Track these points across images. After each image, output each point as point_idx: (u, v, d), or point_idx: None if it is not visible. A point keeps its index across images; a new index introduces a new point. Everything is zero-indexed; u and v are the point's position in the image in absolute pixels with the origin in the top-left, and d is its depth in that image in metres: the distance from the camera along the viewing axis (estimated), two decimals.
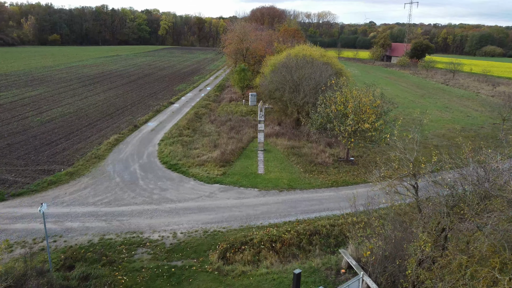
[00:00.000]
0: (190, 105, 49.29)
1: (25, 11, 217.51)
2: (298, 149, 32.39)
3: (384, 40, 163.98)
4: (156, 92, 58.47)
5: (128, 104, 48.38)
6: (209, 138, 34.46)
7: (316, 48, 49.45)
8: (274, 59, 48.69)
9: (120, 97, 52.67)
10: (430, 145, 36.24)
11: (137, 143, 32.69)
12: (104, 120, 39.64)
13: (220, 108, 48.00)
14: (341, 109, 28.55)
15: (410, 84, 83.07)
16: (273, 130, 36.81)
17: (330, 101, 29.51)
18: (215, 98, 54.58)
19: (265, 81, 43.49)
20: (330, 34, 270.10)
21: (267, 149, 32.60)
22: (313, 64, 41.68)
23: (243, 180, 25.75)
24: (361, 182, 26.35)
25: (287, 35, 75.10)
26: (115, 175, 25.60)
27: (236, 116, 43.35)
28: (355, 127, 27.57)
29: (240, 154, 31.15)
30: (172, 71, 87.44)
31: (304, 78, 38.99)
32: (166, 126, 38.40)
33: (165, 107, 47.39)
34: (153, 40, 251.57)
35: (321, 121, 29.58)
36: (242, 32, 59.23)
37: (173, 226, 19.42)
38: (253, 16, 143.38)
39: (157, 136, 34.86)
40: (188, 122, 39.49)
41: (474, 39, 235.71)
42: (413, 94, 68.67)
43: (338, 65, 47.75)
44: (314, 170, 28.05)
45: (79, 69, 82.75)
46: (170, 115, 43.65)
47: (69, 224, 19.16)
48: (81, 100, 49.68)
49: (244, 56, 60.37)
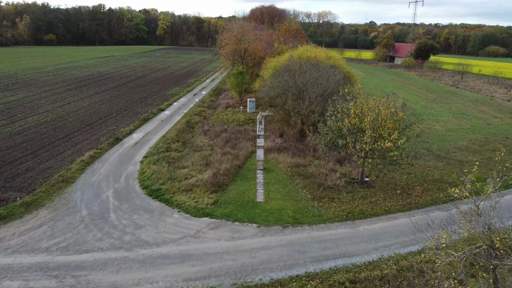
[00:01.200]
0: (182, 112, 44.62)
1: (20, 11, 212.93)
2: (303, 168, 27.76)
3: (387, 40, 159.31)
4: (146, 96, 53.81)
5: (114, 111, 43.71)
6: (201, 153, 29.84)
7: (321, 49, 44.81)
8: (275, 62, 44.07)
9: (106, 103, 48.01)
10: (454, 160, 31.68)
11: (116, 160, 28.03)
12: (83, 131, 34.97)
13: (216, 115, 43.35)
14: (356, 122, 23.91)
15: (419, 87, 78.43)
16: (274, 144, 32.15)
17: (342, 113, 24.87)
18: (210, 104, 49.92)
19: (265, 87, 38.88)
20: (330, 34, 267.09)
21: (268, 167, 27.97)
22: (319, 67, 37.05)
23: (238, 211, 21.13)
24: (382, 213, 21.70)
25: (288, 35, 70.45)
26: (82, 205, 20.96)
27: (233, 125, 38.71)
28: (373, 145, 22.94)
29: (236, 174, 26.52)
30: (167, 73, 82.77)
31: (309, 83, 34.38)
32: (153, 139, 33.74)
33: (154, 115, 42.71)
34: (151, 40, 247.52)
35: (331, 136, 24.93)
36: (240, 32, 54.60)
37: (145, 285, 14.79)
38: (253, 16, 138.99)
39: (141, 151, 30.21)
40: (178, 133, 34.86)
41: (477, 39, 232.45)
42: (424, 98, 64.04)
43: (346, 68, 43.11)
44: (323, 196, 23.41)
45: (68, 71, 78.10)
46: (158, 124, 38.99)
47: (7, 284, 14.53)
48: (62, 106, 45.02)
49: (242, 58, 55.75)
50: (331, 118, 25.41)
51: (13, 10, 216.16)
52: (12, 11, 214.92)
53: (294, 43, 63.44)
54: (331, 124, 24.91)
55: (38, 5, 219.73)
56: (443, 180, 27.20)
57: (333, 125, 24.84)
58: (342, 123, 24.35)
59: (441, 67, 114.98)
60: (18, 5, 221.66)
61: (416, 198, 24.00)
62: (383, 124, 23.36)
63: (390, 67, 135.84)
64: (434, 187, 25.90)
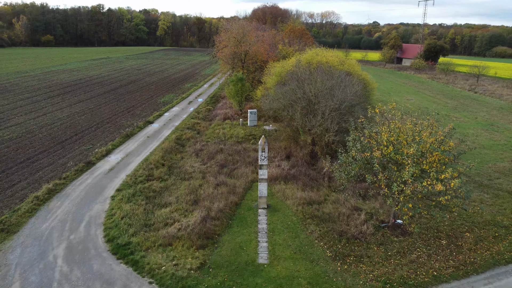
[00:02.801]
0: (172, 126, 38.78)
1: (18, 11, 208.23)
2: (317, 205, 21.86)
3: (395, 41, 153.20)
4: (135, 105, 48.02)
5: (94, 124, 37.92)
6: (189, 184, 24.00)
7: (332, 52, 38.90)
8: (279, 67, 38.25)
9: (87, 114, 42.25)
10: (502, 190, 25.67)
11: (81, 196, 22.20)
12: (50, 152, 29.19)
13: (211, 129, 37.47)
14: (389, 153, 17.95)
15: (435, 92, 72.32)
16: (280, 170, 26.19)
17: (370, 139, 18.95)
18: (206, 115, 44.02)
19: (268, 97, 33.01)
20: (333, 35, 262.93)
21: (273, 205, 22.10)
22: (332, 75, 31.17)
23: (233, 281, 15.26)
24: (430, 282, 15.77)
25: (293, 36, 64.53)
26: (16, 274, 15.14)
27: (231, 143, 32.84)
28: (415, 185, 17.00)
29: (232, 216, 20.66)
30: (162, 77, 76.99)
31: (322, 94, 28.50)
32: (133, 162, 27.90)
33: (140, 129, 36.87)
34: (151, 41, 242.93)
35: (356, 170, 19.00)
36: (240, 33, 48.74)
37: None
38: (255, 16, 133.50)
39: (115, 181, 24.37)
40: (164, 155, 29.02)
41: (484, 40, 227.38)
42: (443, 105, 57.97)
43: (362, 74, 37.22)
44: (347, 252, 17.49)
45: (56, 75, 72.46)
46: (143, 141, 33.16)
47: None
48: (36, 118, 39.31)
49: (242, 62, 49.90)
50: (354, 145, 19.49)
51: (11, 10, 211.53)
52: (9, 11, 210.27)
53: (300, 45, 57.56)
54: (355, 153, 18.98)
55: (36, 5, 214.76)
56: (497, 222, 21.25)
57: (358, 156, 18.91)
58: (371, 153, 18.42)
59: (454, 70, 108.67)
60: (15, 6, 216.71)
61: (470, 254, 18.03)
62: (428, 157, 17.43)
63: (398, 69, 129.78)
64: (488, 233, 19.96)
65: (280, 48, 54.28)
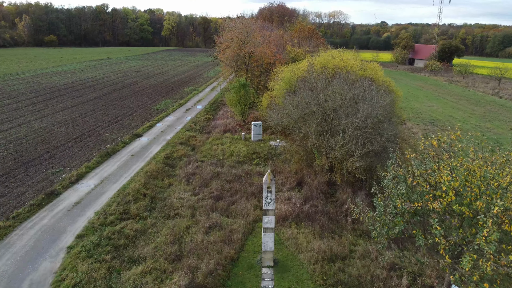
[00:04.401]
0: (164, 140, 33.40)
1: (22, 11, 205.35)
2: (341, 262, 16.29)
3: (407, 41, 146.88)
4: (125, 113, 42.75)
5: (73, 138, 32.68)
6: (174, 226, 18.57)
7: (350, 53, 33.22)
8: (288, 72, 32.73)
9: (69, 124, 37.06)
10: None
11: (27, 247, 16.84)
12: (9, 177, 23.90)
13: (208, 144, 32.01)
14: (455, 205, 12.28)
15: (457, 97, 66.20)
16: (290, 206, 20.58)
17: (422, 183, 13.30)
18: (204, 125, 38.56)
19: (276, 109, 27.44)
20: (341, 35, 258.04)
21: (281, 260, 16.57)
22: (354, 83, 25.57)
23: None
24: None
25: (302, 36, 58.84)
26: None
27: (230, 163, 27.33)
28: (498, 259, 11.34)
29: (226, 280, 15.18)
30: (161, 80, 71.78)
31: (343, 108, 22.94)
32: (107, 192, 22.52)
33: (125, 145, 31.52)
34: (156, 41, 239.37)
35: (401, 226, 13.36)
36: (243, 32, 43.24)
37: None
38: (261, 15, 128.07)
39: (78, 222, 19.00)
40: (148, 181, 23.64)
41: (496, 40, 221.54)
42: (469, 113, 51.96)
43: (386, 81, 31.54)
44: None
45: (47, 78, 67.58)
46: (125, 162, 27.77)
47: None
48: (8, 130, 34.19)
49: (246, 65, 44.41)
50: (397, 188, 13.82)
51: (14, 10, 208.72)
52: (13, 11, 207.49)
53: (311, 46, 51.92)
54: (402, 204, 13.33)
55: (40, 5, 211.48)
56: None
57: (404, 205, 13.29)
58: (424, 203, 12.80)
59: (472, 71, 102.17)
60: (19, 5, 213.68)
61: None
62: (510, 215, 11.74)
63: (411, 70, 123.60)
64: None
65: (289, 50, 48.72)
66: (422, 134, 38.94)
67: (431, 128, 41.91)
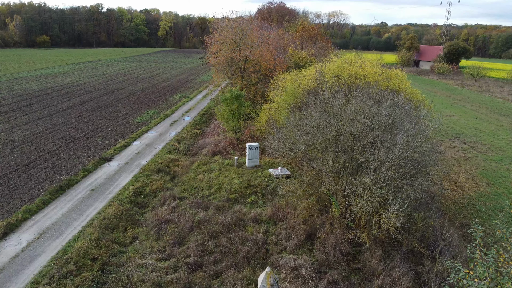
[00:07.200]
0: (138, 165, 26.95)
1: (14, 11, 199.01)
2: None
3: (412, 42, 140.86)
4: (99, 128, 36.29)
5: (24, 164, 26.20)
6: None
7: (372, 60, 26.80)
8: (291, 81, 26.38)
9: (27, 143, 30.61)
10: None
11: None
12: None
13: (192, 172, 25.57)
14: None
15: (476, 105, 59.88)
16: (300, 282, 14.20)
17: None
18: (190, 145, 32.12)
19: (277, 131, 20.95)
20: (341, 35, 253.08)
21: None
22: (381, 99, 19.24)
23: None
24: None
25: (306, 37, 52.45)
26: None
27: (217, 203, 20.87)
28: None
29: None
30: (149, 85, 65.30)
31: (368, 137, 16.58)
32: (41, 256, 16.05)
33: (87, 174, 25.05)
34: (152, 42, 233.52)
35: None
36: (238, 32, 36.85)
37: None
38: (260, 15, 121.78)
39: None
40: (103, 235, 17.23)
41: (499, 41, 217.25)
42: (496, 125, 45.65)
43: (415, 94, 25.18)
44: None
45: (22, 83, 61.07)
46: (80, 201, 21.32)
47: None
48: None
49: (241, 70, 38.03)
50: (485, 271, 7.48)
51: (6, 10, 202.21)
52: (5, 11, 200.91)
53: (316, 48, 45.57)
54: None
55: (33, 5, 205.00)
56: None
57: None
58: None
59: (485, 74, 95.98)
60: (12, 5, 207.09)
61: None
62: None
63: (418, 73, 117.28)
64: None
65: (291, 52, 42.38)
66: (451, 154, 32.65)
67: (459, 146, 35.62)
